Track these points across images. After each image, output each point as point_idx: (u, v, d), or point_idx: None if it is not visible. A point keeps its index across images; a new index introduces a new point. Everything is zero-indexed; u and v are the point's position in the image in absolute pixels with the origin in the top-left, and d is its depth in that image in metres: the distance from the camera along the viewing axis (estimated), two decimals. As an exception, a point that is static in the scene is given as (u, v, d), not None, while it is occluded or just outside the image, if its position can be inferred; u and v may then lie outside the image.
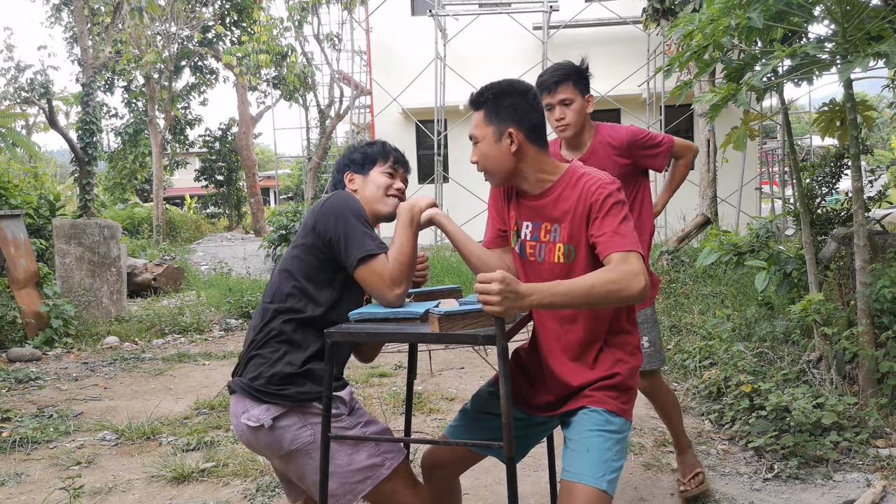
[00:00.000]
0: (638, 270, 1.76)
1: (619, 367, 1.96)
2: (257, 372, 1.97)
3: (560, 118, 2.76)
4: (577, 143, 2.85)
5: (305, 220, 2.09)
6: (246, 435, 2.00)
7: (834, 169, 4.73)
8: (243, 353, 2.08)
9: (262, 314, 2.06)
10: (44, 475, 3.64)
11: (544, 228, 1.97)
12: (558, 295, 1.70)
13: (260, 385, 1.95)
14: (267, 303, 2.07)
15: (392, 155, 2.22)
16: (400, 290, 1.96)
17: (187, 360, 6.24)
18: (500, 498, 3.19)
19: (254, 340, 2.04)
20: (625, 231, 1.83)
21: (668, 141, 2.90)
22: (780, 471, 3.26)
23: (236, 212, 27.42)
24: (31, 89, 17.19)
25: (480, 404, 2.15)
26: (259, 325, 2.05)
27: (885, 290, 3.70)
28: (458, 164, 15.07)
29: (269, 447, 1.97)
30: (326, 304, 2.02)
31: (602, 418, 1.89)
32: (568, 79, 2.75)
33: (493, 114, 1.94)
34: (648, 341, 2.95)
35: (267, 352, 1.99)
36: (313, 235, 2.03)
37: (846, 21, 3.31)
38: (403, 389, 4.84)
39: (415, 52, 14.46)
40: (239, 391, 2.00)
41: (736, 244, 4.95)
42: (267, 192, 35.13)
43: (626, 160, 2.83)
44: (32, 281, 6.97)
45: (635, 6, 12.48)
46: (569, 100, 2.74)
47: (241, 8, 20.53)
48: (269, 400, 1.94)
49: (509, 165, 1.95)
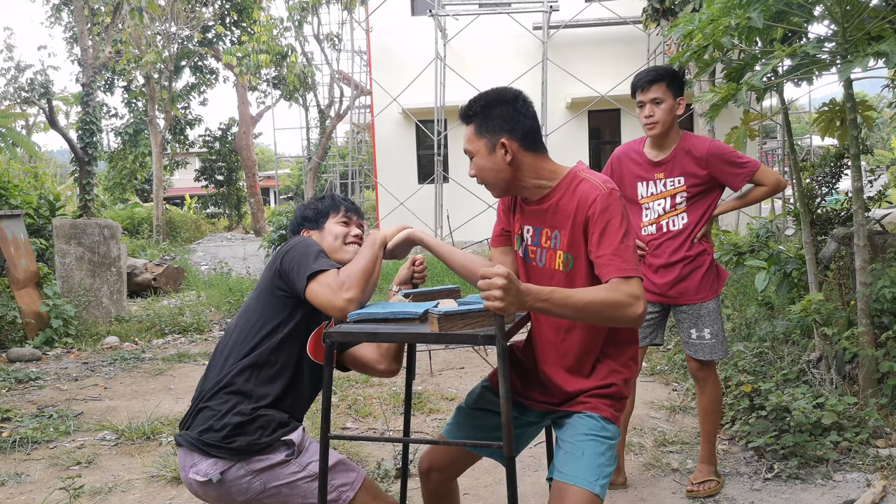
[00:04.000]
0: (638, 294, 1.75)
1: (614, 377, 1.97)
2: (206, 425, 1.95)
3: (649, 115, 2.93)
4: (662, 144, 3.00)
5: (265, 270, 2.11)
6: (195, 488, 1.99)
7: (834, 169, 4.73)
8: (192, 406, 2.05)
9: (216, 365, 2.06)
10: (44, 475, 3.64)
11: (545, 234, 1.97)
12: (554, 302, 1.70)
13: (208, 438, 1.94)
14: (220, 353, 2.08)
15: (343, 205, 2.27)
16: (349, 294, 1.89)
17: (187, 360, 6.24)
18: (500, 498, 3.19)
19: (202, 392, 2.03)
20: (625, 252, 1.80)
21: (753, 165, 2.98)
22: (780, 471, 3.26)
23: (236, 212, 27.42)
24: (31, 89, 17.21)
25: (474, 401, 2.15)
26: (211, 377, 2.04)
27: (885, 290, 3.70)
28: (458, 164, 15.07)
29: (221, 499, 1.98)
30: (276, 344, 2.02)
31: (598, 424, 1.91)
32: (661, 79, 2.92)
33: (484, 126, 1.92)
34: (710, 333, 3.02)
35: (215, 403, 1.98)
36: (277, 273, 2.04)
37: (846, 21, 3.31)
38: (403, 389, 4.84)
39: (415, 52, 14.45)
40: (186, 445, 1.97)
41: (736, 244, 4.96)
42: (267, 192, 35.13)
43: (704, 171, 2.95)
44: (32, 281, 6.97)
45: (635, 6, 12.47)
46: (659, 99, 2.92)
47: (241, 8, 20.52)
48: (216, 454, 1.93)
49: (506, 175, 1.93)
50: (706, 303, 3.02)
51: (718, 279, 3.05)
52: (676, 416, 4.19)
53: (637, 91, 3.00)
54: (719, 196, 3.06)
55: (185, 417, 2.06)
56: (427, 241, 2.12)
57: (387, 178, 14.97)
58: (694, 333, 3.03)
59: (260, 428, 1.95)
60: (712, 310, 3.03)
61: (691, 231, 2.99)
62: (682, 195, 2.99)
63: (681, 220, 3.00)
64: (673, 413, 4.24)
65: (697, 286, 3.01)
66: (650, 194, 3.04)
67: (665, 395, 4.58)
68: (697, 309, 3.02)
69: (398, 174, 15.11)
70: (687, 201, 2.99)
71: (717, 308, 3.06)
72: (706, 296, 3.02)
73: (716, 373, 3.14)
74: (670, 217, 3.01)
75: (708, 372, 3.10)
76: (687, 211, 2.99)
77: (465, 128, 1.98)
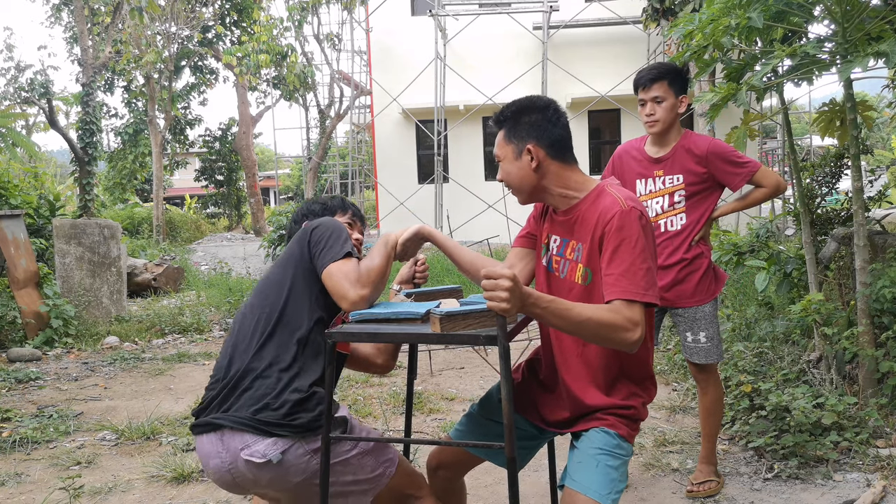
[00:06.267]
0: (638, 321, 1.73)
1: (633, 400, 1.96)
2: (261, 403, 1.87)
3: (650, 114, 2.95)
4: (662, 142, 3.02)
5: (292, 244, 2.09)
6: (244, 471, 1.87)
7: (834, 169, 4.72)
8: (222, 388, 1.95)
9: (249, 345, 1.97)
10: (44, 475, 3.64)
11: (571, 246, 1.95)
12: (551, 311, 1.68)
13: (267, 417, 1.85)
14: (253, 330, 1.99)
15: (350, 209, 2.30)
16: (364, 291, 1.91)
17: (187, 360, 6.24)
18: (501, 498, 3.19)
19: (240, 371, 1.93)
20: (636, 273, 1.76)
21: (753, 165, 2.98)
22: (780, 471, 3.26)
23: (236, 212, 27.42)
24: (31, 89, 17.20)
25: (488, 411, 2.14)
26: (246, 356, 1.96)
27: (885, 290, 3.70)
28: (458, 164, 15.07)
29: (274, 482, 1.89)
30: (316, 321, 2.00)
31: (614, 441, 1.90)
32: (663, 77, 2.92)
33: (513, 132, 1.94)
34: (706, 336, 3.01)
35: (268, 382, 1.90)
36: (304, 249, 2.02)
37: (846, 21, 3.31)
38: (403, 389, 4.84)
39: (415, 52, 14.46)
40: (234, 426, 1.86)
41: (736, 244, 4.96)
42: (267, 192, 35.13)
43: (703, 168, 2.95)
44: (32, 281, 6.97)
45: (635, 6, 12.47)
46: (661, 97, 2.92)
47: (241, 8, 20.52)
48: (278, 433, 1.85)
49: (531, 182, 1.94)
50: (702, 306, 3.01)
51: (716, 282, 3.05)
52: (676, 416, 4.19)
53: (639, 88, 3.00)
54: (718, 197, 3.06)
55: (214, 400, 1.95)
56: (437, 236, 2.13)
57: (387, 178, 14.97)
58: (689, 336, 3.03)
59: (318, 404, 1.91)
60: (708, 313, 3.02)
61: (690, 232, 2.98)
62: (681, 193, 2.98)
63: (679, 220, 2.99)
64: (673, 413, 4.24)
65: (694, 289, 3.00)
66: (649, 192, 3.04)
67: (665, 395, 4.58)
68: (693, 312, 3.02)
69: (398, 174, 15.11)
70: (686, 200, 2.99)
71: (714, 311, 3.05)
72: (702, 299, 3.01)
73: (717, 374, 3.13)
74: (669, 217, 3.01)
75: (708, 374, 3.09)
76: (686, 211, 2.99)
77: (497, 132, 1.99)
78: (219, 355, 2.09)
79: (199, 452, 1.96)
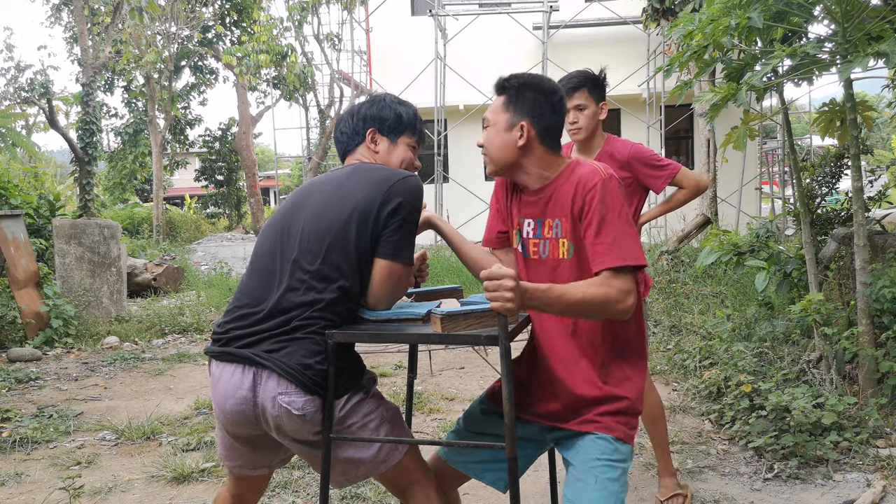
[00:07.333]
0: (629, 289, 1.75)
1: (628, 388, 1.91)
2: (308, 361, 1.81)
3: (573, 122, 2.95)
4: (588, 148, 3.03)
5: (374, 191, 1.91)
6: (268, 414, 1.83)
7: (834, 169, 4.73)
8: (266, 314, 1.86)
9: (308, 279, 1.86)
10: (44, 475, 3.64)
11: (547, 224, 1.92)
12: (549, 300, 1.69)
13: (314, 376, 1.82)
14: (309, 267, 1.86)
15: (419, 132, 2.16)
16: (383, 305, 1.96)
17: (187, 360, 6.24)
18: (500, 498, 3.19)
19: (295, 307, 1.84)
20: (626, 240, 1.77)
21: (673, 167, 3.00)
22: (780, 471, 3.26)
23: (236, 212, 27.41)
24: (31, 89, 17.18)
25: (474, 425, 2.10)
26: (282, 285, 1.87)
27: (885, 290, 3.70)
28: (458, 164, 15.07)
29: (297, 432, 1.86)
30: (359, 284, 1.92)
31: (611, 447, 1.85)
32: (584, 85, 2.93)
33: (513, 102, 1.92)
34: None
35: (317, 338, 1.83)
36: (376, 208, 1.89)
37: (846, 21, 3.31)
38: (403, 389, 4.84)
39: (415, 52, 14.46)
40: (278, 371, 1.80)
41: (736, 244, 4.95)
42: (267, 192, 35.13)
43: (627, 173, 2.97)
44: (32, 281, 6.97)
45: (635, 6, 12.48)
46: (583, 105, 2.93)
47: (241, 8, 20.51)
48: (318, 391, 1.83)
49: (511, 157, 1.92)
50: None
51: (644, 288, 2.98)
52: (676, 416, 4.19)
53: None
54: (642, 201, 3.07)
55: (250, 327, 1.87)
56: (443, 227, 2.12)
57: (387, 178, 14.95)
58: None
59: (358, 364, 1.96)
60: None
61: None
62: None
63: None
64: (673, 413, 4.23)
65: None
66: None
67: (665, 395, 4.57)
68: None
69: (398, 174, 15.10)
70: None
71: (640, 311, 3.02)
72: None
73: (649, 378, 3.05)
74: None
75: None
76: None
77: (496, 97, 1.97)
78: (245, 274, 2.01)
79: (216, 378, 1.91)
